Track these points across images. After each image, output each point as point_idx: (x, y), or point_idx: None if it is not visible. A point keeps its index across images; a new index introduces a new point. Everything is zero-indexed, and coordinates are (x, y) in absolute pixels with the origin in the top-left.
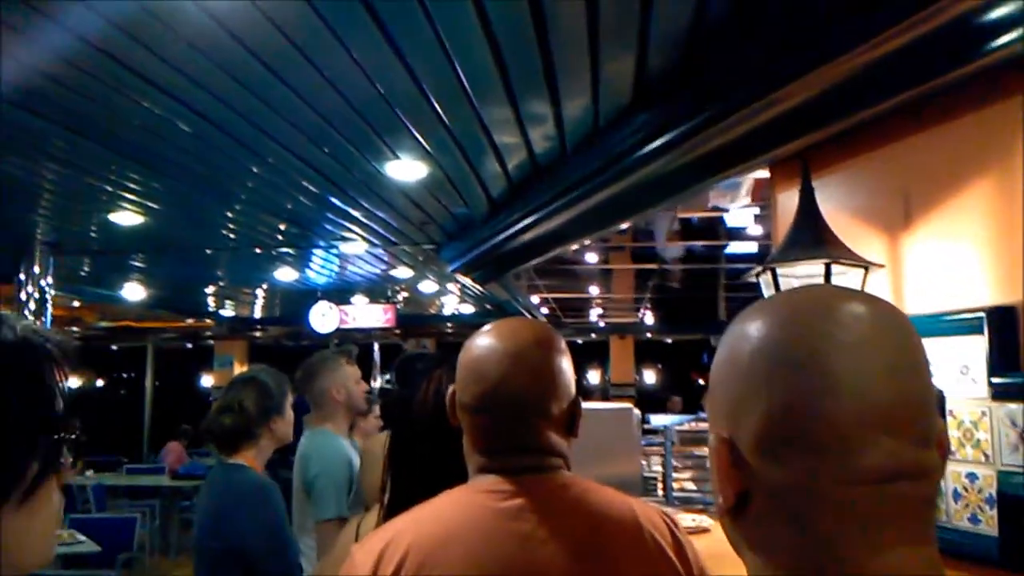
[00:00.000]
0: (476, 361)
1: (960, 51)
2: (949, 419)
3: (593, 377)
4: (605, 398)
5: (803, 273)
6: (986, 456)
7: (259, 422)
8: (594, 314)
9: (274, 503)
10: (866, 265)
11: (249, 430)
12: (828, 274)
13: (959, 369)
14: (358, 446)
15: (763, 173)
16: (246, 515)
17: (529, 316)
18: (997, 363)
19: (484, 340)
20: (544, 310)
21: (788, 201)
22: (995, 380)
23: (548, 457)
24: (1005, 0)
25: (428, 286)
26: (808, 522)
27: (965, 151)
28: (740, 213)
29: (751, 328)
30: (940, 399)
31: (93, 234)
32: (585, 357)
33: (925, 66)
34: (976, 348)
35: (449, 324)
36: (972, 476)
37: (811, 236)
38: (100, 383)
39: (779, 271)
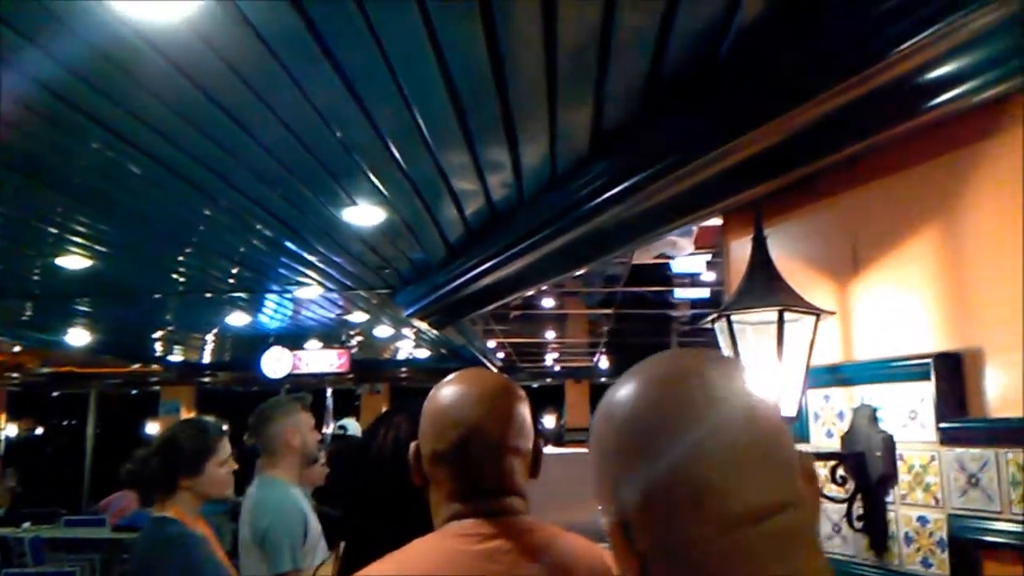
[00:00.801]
0: (449, 408)
1: (906, 106)
2: (899, 463)
3: (548, 421)
4: (560, 443)
5: (756, 320)
6: (936, 500)
7: (164, 478)
8: (550, 358)
9: (183, 553)
10: (817, 312)
11: (155, 484)
12: (781, 321)
13: (908, 414)
14: (308, 494)
15: (713, 221)
16: (158, 568)
17: (485, 360)
18: (944, 408)
19: (451, 389)
20: (500, 354)
21: (740, 249)
22: (943, 425)
23: (516, 500)
24: (946, 61)
25: (383, 331)
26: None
27: (912, 202)
28: (689, 260)
29: (611, 411)
30: (890, 443)
31: (36, 278)
32: (540, 401)
33: (873, 120)
34: (924, 394)
35: (403, 369)
36: (923, 520)
37: (764, 284)
38: (39, 431)
39: (733, 318)
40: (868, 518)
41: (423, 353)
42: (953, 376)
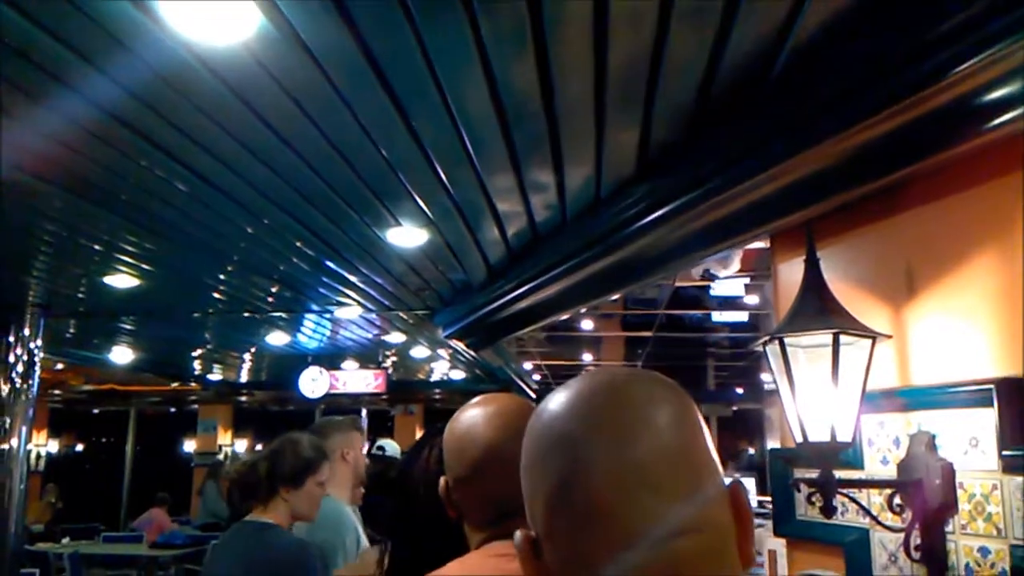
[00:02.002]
0: (466, 433)
1: (964, 128)
2: (960, 492)
3: None
4: None
5: (810, 343)
6: (998, 530)
7: (267, 485)
8: None
9: (311, 566)
10: (874, 336)
11: (258, 489)
12: (836, 344)
13: (968, 441)
14: (357, 513)
15: (754, 244)
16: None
17: (520, 382)
18: (1008, 435)
19: (465, 415)
20: (536, 376)
21: (789, 271)
22: (1006, 453)
23: None
24: (1005, 82)
25: (420, 351)
26: None
27: (969, 223)
28: (728, 283)
29: (530, 424)
30: (949, 471)
31: (82, 296)
32: None
33: (929, 141)
34: (985, 420)
35: (438, 390)
36: (984, 551)
37: (818, 306)
38: (80, 448)
39: (786, 341)
40: (926, 548)
41: (458, 374)
42: (1016, 402)
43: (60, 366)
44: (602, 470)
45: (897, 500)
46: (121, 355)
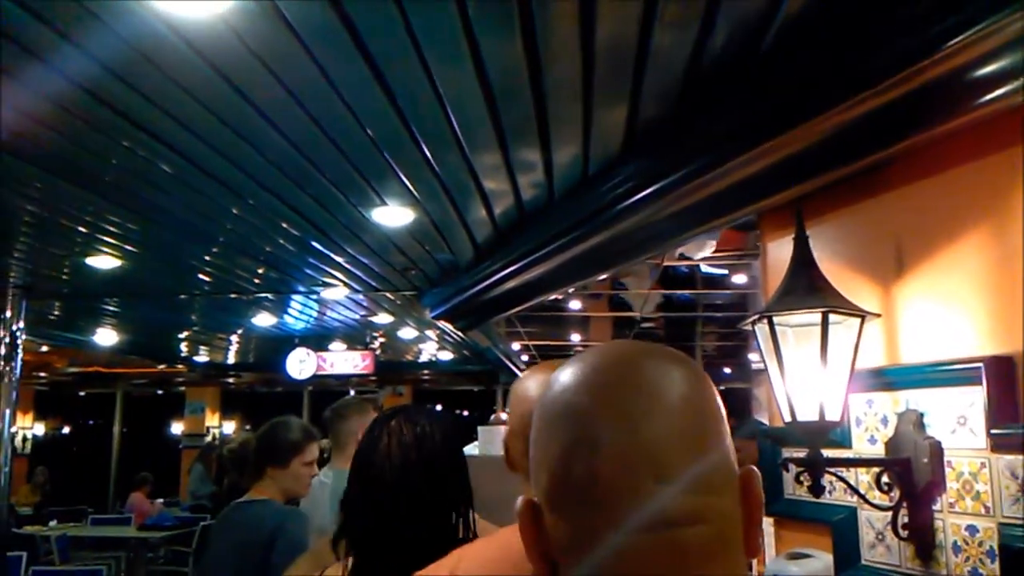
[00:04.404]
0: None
1: (955, 103)
2: (948, 470)
3: None
4: None
5: (798, 322)
6: (986, 508)
7: (255, 464)
8: None
9: (292, 531)
10: (862, 314)
11: (247, 467)
12: (825, 323)
13: (956, 420)
14: None
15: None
16: (274, 544)
17: (508, 363)
18: (996, 414)
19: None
20: (524, 357)
21: (778, 249)
22: (994, 431)
23: None
24: (998, 57)
25: (407, 332)
26: None
27: (959, 201)
28: (712, 263)
29: (543, 398)
30: (937, 450)
31: (66, 277)
32: None
33: (919, 118)
34: (974, 398)
35: (426, 371)
36: (972, 529)
37: (807, 285)
38: (66, 430)
39: (775, 319)
40: (914, 526)
41: (446, 355)
42: (1005, 380)
43: (44, 348)
44: (607, 448)
45: (885, 479)
46: (106, 337)
